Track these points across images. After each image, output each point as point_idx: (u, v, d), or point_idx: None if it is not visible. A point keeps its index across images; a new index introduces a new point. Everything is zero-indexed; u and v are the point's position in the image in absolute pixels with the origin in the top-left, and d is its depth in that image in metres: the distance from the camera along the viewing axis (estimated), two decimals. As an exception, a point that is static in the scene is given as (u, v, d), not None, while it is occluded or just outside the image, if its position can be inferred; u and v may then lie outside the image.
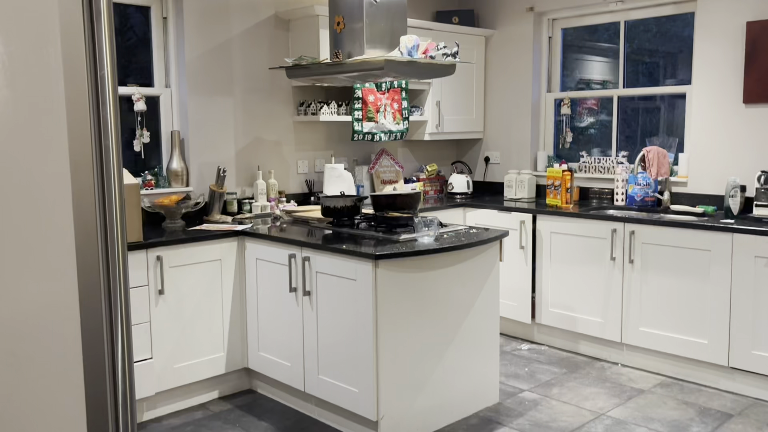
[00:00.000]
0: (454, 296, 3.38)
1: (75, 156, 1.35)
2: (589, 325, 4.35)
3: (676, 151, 4.61)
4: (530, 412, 3.57)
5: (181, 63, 4.14)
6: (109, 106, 1.40)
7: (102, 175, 1.40)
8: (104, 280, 1.42)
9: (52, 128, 1.30)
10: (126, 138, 4.10)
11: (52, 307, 1.32)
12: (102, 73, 1.39)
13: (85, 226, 1.38)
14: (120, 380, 1.47)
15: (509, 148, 5.43)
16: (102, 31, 1.36)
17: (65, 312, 1.34)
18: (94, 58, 1.36)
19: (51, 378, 1.33)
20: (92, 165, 1.38)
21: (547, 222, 4.51)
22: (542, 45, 5.27)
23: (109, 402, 1.45)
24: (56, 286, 1.32)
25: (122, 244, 1.44)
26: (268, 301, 3.67)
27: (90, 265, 1.39)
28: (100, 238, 1.41)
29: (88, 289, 1.39)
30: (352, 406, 3.25)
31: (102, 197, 1.41)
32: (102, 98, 1.39)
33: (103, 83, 1.39)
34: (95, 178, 1.39)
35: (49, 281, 1.31)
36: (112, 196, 1.42)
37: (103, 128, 1.40)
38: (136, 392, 3.42)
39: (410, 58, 3.60)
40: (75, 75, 1.33)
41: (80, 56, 1.34)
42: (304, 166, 4.75)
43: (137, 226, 3.41)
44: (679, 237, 3.90)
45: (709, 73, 4.33)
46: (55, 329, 1.33)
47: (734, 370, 3.80)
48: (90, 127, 1.38)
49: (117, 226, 1.43)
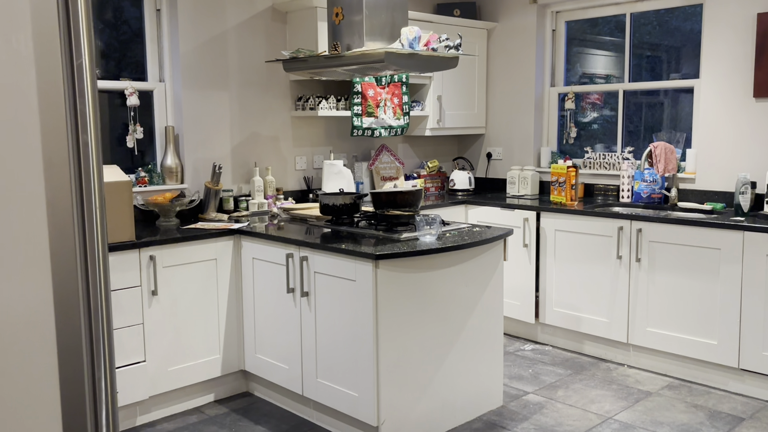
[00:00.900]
0: (457, 297, 3.27)
1: (49, 153, 1.24)
2: (595, 325, 4.24)
3: (684, 146, 4.50)
4: (535, 416, 3.47)
5: (176, 56, 4.03)
6: (88, 98, 1.29)
7: (80, 173, 1.29)
8: (83, 285, 1.31)
9: (22, 123, 1.18)
10: (119, 134, 3.99)
11: (22, 315, 1.21)
12: (79, 61, 1.27)
13: (60, 229, 1.26)
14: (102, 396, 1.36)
15: (512, 144, 5.32)
16: (79, 14, 1.24)
17: (38, 321, 1.23)
18: (70, 45, 1.25)
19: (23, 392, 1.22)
20: (69, 163, 1.27)
21: (552, 219, 4.40)
22: (546, 38, 5.15)
23: (88, 416, 1.34)
24: (27, 292, 1.21)
25: (103, 248, 1.33)
26: (265, 301, 3.57)
27: (66, 271, 1.28)
28: (78, 242, 1.30)
29: (65, 295, 1.28)
30: (351, 410, 3.14)
31: (80, 198, 1.29)
32: (80, 90, 1.28)
33: (81, 73, 1.27)
34: (72, 177, 1.28)
35: (20, 287, 1.20)
36: (92, 197, 1.31)
37: (80, 123, 1.29)
38: (129, 396, 3.33)
39: (411, 51, 3.49)
40: (48, 64, 1.22)
41: (54, 43, 1.22)
42: (302, 163, 4.64)
43: (129, 225, 3.30)
44: (687, 235, 3.79)
45: (718, 66, 4.21)
46: (27, 339, 1.22)
47: (745, 372, 3.69)
48: (66, 122, 1.26)
49: (97, 229, 1.32)
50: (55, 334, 1.26)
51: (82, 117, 1.28)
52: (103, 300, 1.34)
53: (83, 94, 1.28)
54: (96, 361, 1.35)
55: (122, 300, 3.28)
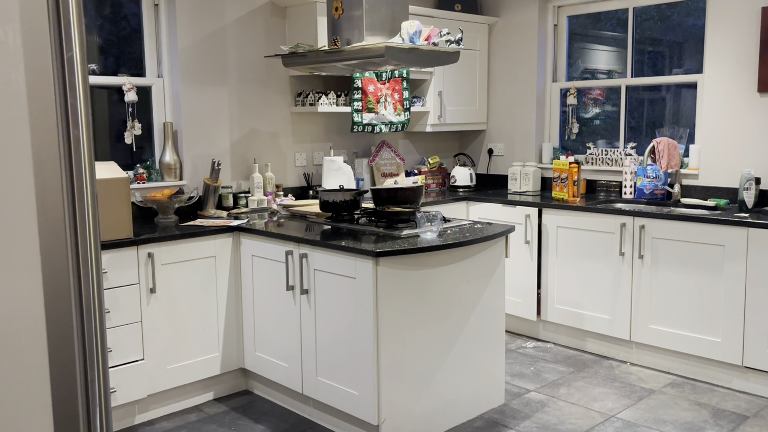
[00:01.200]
0: (458, 294, 3.24)
1: (38, 149, 1.20)
2: (597, 323, 4.21)
3: (687, 142, 4.46)
4: (537, 414, 3.44)
5: (174, 52, 3.99)
6: (79, 92, 1.25)
7: (71, 169, 1.25)
8: (75, 284, 1.28)
9: (11, 118, 1.15)
10: (117, 130, 3.96)
11: (11, 315, 1.18)
12: (70, 54, 1.23)
13: (51, 227, 1.23)
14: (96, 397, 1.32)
15: (513, 140, 5.28)
16: (69, 5, 1.20)
17: (28, 321, 1.20)
18: (60, 37, 1.21)
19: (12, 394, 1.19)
20: (59, 159, 1.24)
21: (554, 216, 4.36)
22: (547, 33, 5.11)
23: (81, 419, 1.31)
24: (16, 292, 1.18)
25: (95, 246, 1.30)
26: (265, 299, 3.53)
27: (57, 269, 1.25)
28: (69, 240, 1.26)
29: (55, 295, 1.24)
30: (352, 409, 3.11)
31: (71, 195, 1.26)
32: (70, 83, 1.24)
33: (72, 66, 1.24)
34: (63, 174, 1.24)
35: (8, 287, 1.17)
36: (84, 194, 1.27)
37: (71, 118, 1.25)
38: (127, 394, 3.30)
39: (412, 45, 3.45)
40: (37, 57, 1.18)
41: (43, 35, 1.18)
42: (302, 159, 4.60)
43: (127, 222, 3.27)
44: (691, 231, 3.76)
45: (721, 60, 4.17)
46: (16, 340, 1.19)
47: (749, 370, 3.66)
48: (56, 117, 1.23)
49: (89, 226, 1.29)
50: (46, 335, 1.23)
51: (73, 111, 1.25)
52: (95, 299, 1.30)
53: (74, 87, 1.24)
54: (89, 362, 1.31)
55: (120, 298, 3.25)
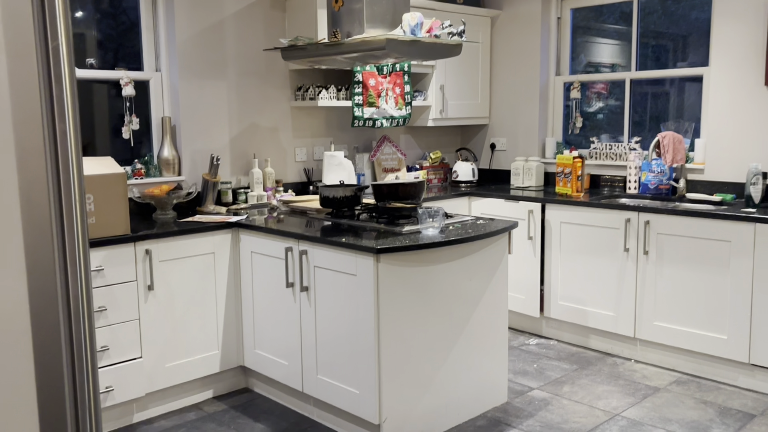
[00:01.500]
0: (461, 291, 3.19)
1: (22, 143, 1.15)
2: (601, 319, 4.16)
3: (692, 136, 4.40)
4: (540, 413, 3.39)
5: (172, 45, 3.93)
6: (65, 83, 1.20)
7: (57, 164, 1.20)
8: (62, 283, 1.23)
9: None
10: (114, 125, 3.91)
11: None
12: (55, 43, 1.18)
13: (36, 224, 1.18)
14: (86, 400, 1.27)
15: (516, 134, 5.22)
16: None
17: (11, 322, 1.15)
18: (45, 26, 1.16)
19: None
20: (45, 153, 1.18)
21: (557, 211, 4.31)
22: (551, 26, 5.04)
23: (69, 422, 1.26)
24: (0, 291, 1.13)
25: (83, 243, 1.25)
26: (264, 296, 3.49)
27: (44, 268, 1.20)
28: (56, 237, 1.21)
29: (41, 295, 1.19)
30: (352, 408, 3.07)
31: (58, 190, 1.21)
32: (56, 75, 1.19)
33: (57, 56, 1.18)
34: (49, 169, 1.19)
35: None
36: (71, 189, 1.22)
37: (57, 110, 1.20)
38: (125, 393, 3.25)
39: (413, 37, 3.39)
40: (20, 46, 1.13)
41: (26, 23, 1.13)
42: (302, 154, 4.55)
43: (124, 218, 3.22)
44: (696, 227, 3.70)
45: (728, 54, 4.10)
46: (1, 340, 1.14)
47: (755, 368, 3.61)
48: (41, 109, 1.18)
49: (77, 223, 1.24)
50: (31, 337, 1.18)
51: (59, 104, 1.19)
52: (83, 299, 1.26)
53: (60, 78, 1.19)
54: (77, 364, 1.27)
55: (117, 295, 3.20)
